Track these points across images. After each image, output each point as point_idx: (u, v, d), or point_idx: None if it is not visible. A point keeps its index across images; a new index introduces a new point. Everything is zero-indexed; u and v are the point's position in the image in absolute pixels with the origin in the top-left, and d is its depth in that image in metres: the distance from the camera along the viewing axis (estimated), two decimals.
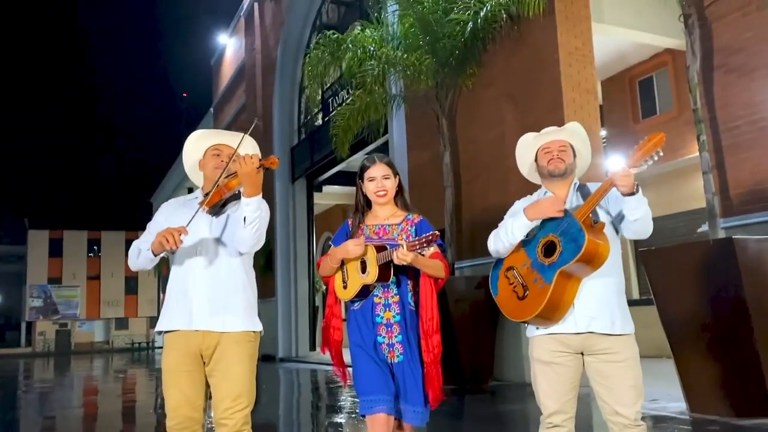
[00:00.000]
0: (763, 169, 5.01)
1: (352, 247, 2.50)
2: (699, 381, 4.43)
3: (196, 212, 2.36)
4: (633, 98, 11.28)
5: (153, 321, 46.59)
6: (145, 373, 15.18)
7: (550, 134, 2.49)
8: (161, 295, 36.47)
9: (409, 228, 2.61)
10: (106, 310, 49.52)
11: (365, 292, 2.54)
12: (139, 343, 45.45)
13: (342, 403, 6.74)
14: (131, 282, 49.25)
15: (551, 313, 2.25)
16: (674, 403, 4.84)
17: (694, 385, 4.48)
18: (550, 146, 2.46)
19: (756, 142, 5.07)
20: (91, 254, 49.85)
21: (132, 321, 50.13)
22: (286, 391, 8.94)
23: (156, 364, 18.60)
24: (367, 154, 11.63)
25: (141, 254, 2.41)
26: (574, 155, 2.48)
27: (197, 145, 2.58)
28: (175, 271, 2.46)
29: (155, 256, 2.37)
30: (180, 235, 2.24)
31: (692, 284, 4.41)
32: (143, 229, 2.55)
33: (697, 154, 5.06)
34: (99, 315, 49.30)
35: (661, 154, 2.14)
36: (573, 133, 2.50)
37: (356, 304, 2.59)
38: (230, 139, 2.55)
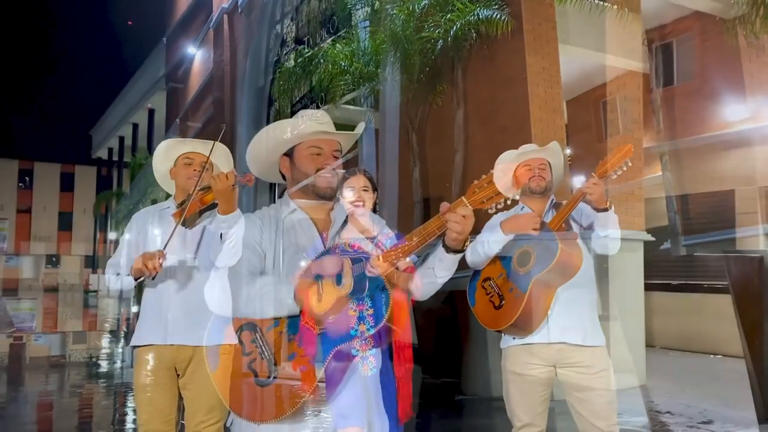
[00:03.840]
0: (718, 191, 5.18)
1: (328, 264, 2.47)
2: None
3: (173, 231, 2.30)
4: (597, 118, 11.54)
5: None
6: (101, 389, 14.73)
7: (532, 153, 2.54)
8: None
9: (385, 242, 2.62)
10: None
11: (340, 305, 2.53)
12: (97, 358, 43.63)
13: (307, 418, 6.64)
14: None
15: (526, 322, 2.29)
16: (637, 418, 4.93)
17: None
18: (530, 163, 2.51)
19: (713, 164, 5.24)
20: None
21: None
22: None
23: (115, 379, 18.06)
24: (334, 168, 11.61)
25: (121, 279, 2.36)
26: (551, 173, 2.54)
27: (168, 154, 2.55)
28: (149, 285, 2.42)
29: (136, 280, 2.33)
30: (159, 260, 2.21)
31: None
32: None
33: (659, 173, 5.22)
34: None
35: (630, 164, 2.21)
36: (554, 153, 2.56)
37: (331, 318, 2.58)
38: (201, 147, 2.52)
